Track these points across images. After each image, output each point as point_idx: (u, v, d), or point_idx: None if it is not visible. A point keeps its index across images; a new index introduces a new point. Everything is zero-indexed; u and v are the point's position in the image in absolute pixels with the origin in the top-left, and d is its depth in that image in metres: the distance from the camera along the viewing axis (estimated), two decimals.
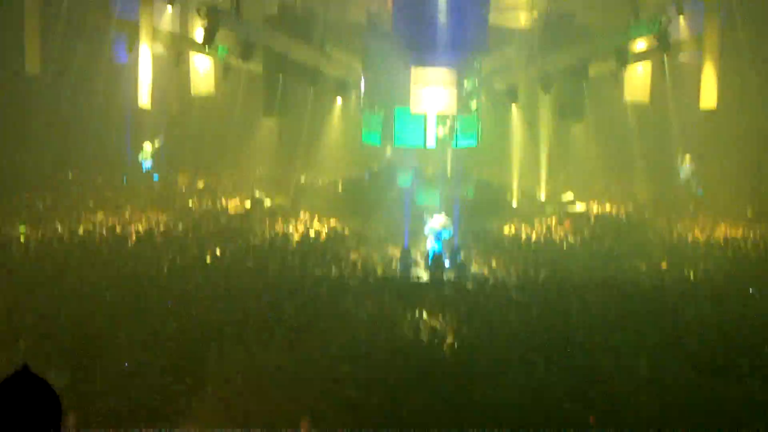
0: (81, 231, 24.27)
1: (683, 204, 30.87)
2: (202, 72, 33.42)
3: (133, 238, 24.13)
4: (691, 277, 21.33)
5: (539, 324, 17.06)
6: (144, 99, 29.16)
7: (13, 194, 27.77)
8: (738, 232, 26.57)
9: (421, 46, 28.89)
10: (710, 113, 29.19)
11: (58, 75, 30.15)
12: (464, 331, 16.75)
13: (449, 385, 13.56)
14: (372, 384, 13.50)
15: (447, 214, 24.61)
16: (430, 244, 23.17)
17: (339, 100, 34.31)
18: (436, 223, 23.69)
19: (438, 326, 17.18)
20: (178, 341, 15.30)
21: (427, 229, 23.79)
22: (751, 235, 26.07)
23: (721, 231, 26.78)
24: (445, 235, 23.35)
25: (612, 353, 14.97)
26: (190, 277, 19.84)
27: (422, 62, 29.53)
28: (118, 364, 13.95)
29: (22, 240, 22.92)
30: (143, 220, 26.55)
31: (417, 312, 17.98)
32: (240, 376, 13.62)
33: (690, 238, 26.14)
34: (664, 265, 22.42)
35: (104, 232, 24.63)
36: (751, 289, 19.40)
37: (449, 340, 16.36)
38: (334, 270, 21.53)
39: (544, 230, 27.41)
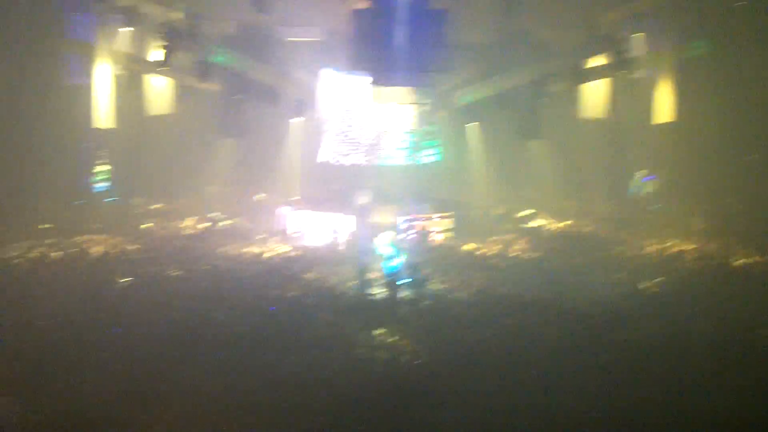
0: (32, 255, 23.89)
1: (640, 219, 31.05)
2: (160, 93, 33.14)
3: (86, 261, 23.80)
4: (645, 291, 21.48)
5: (494, 342, 17.05)
6: (99, 120, 28.92)
7: None
8: (690, 246, 26.73)
9: (379, 65, 28.96)
10: (667, 128, 29.52)
11: (9, 97, 29.65)
12: (420, 350, 16.67)
13: (407, 404, 13.48)
14: (331, 407, 13.40)
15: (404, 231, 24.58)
16: (384, 263, 22.84)
17: (298, 119, 34.13)
18: (385, 240, 23.44)
19: (394, 344, 17.10)
20: (129, 366, 15.08)
21: (377, 247, 23.55)
22: (705, 249, 26.30)
23: (676, 245, 26.91)
24: (395, 253, 22.90)
25: (567, 371, 15.01)
26: (141, 300, 19.59)
27: (381, 81, 29.63)
28: (70, 390, 13.74)
29: None
30: (96, 243, 26.17)
31: (373, 331, 17.89)
32: (192, 403, 13.42)
33: (645, 253, 26.32)
34: (618, 280, 22.58)
35: (55, 255, 24.29)
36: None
37: (406, 358, 16.27)
38: (290, 290, 21.34)
39: (502, 247, 27.38)
